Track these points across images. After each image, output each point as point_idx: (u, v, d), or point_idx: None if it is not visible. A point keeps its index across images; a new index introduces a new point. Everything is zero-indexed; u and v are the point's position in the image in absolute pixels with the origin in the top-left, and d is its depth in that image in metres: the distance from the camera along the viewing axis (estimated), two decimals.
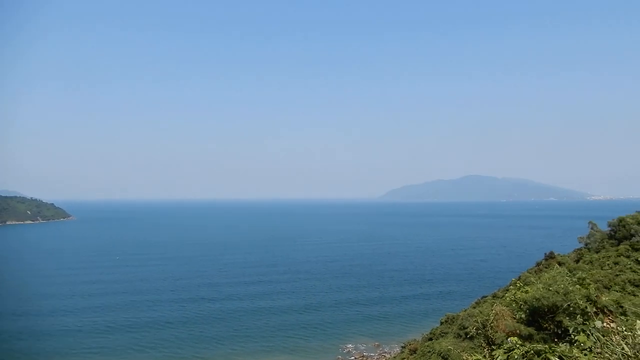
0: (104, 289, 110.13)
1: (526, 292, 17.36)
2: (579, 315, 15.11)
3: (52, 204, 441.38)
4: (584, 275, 17.51)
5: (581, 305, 14.95)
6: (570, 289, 15.40)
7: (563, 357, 8.21)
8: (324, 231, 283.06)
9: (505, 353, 9.26)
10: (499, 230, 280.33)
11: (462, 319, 42.65)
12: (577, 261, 78.75)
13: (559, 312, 15.47)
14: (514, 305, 18.75)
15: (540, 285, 16.46)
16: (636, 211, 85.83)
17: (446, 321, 56.08)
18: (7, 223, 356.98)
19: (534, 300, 16.33)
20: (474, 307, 56.70)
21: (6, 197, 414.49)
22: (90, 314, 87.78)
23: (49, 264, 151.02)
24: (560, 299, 15.26)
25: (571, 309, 15.21)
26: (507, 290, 54.13)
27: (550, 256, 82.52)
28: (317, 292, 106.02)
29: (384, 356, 67.09)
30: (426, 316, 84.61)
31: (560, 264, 75.38)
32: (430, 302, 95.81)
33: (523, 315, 17.52)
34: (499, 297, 58.14)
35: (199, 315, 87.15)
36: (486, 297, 70.16)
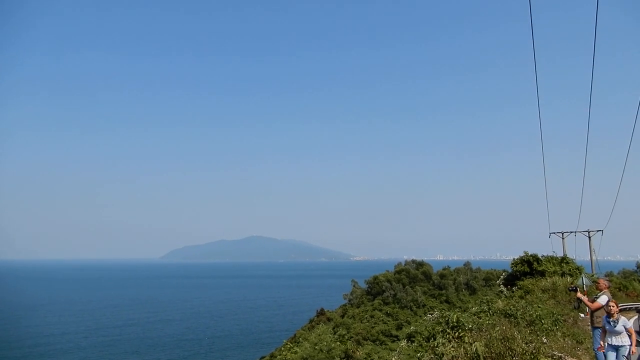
0: None
1: (295, 352, 18.21)
2: None
3: None
4: (343, 332, 19.37)
5: None
6: (333, 346, 16.82)
7: None
8: (95, 297, 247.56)
9: None
10: (276, 290, 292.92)
11: None
12: (343, 316, 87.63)
13: None
14: None
15: (307, 345, 17.50)
16: (386, 270, 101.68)
17: None
18: None
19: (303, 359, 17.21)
20: None
21: None
22: None
23: None
24: (324, 357, 16.45)
25: None
26: (283, 349, 56.02)
27: (321, 313, 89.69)
28: None
29: None
30: None
31: (329, 319, 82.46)
32: None
33: None
34: (275, 357, 59.61)
35: None
36: (264, 357, 70.99)
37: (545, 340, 16.47)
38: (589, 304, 15.90)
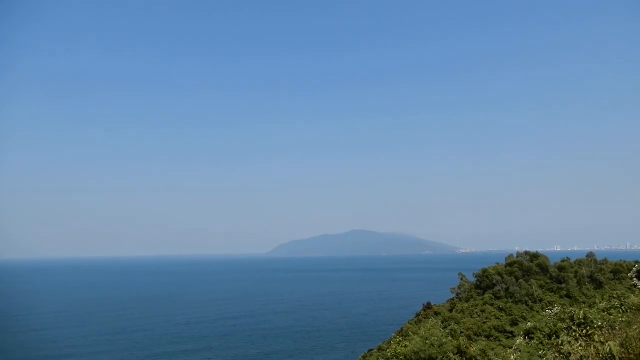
0: None
1: (405, 346, 17.99)
2: None
3: None
4: (455, 327, 18.71)
5: (452, 358, 15.87)
6: (444, 340, 16.32)
7: None
8: (209, 290, 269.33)
9: None
10: (380, 283, 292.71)
11: None
12: (451, 310, 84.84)
13: None
14: (394, 359, 19.26)
15: (418, 339, 17.20)
16: (496, 263, 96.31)
17: None
18: None
19: (413, 354, 16.95)
20: None
21: None
22: None
23: None
24: (435, 352, 16.05)
25: None
26: (390, 342, 55.86)
27: (427, 307, 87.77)
28: (197, 354, 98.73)
29: None
30: None
31: (436, 313, 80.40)
32: (314, 358, 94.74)
33: None
34: (383, 349, 59.63)
35: None
36: (372, 350, 71.44)
37: None
38: None
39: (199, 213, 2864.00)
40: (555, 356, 14.42)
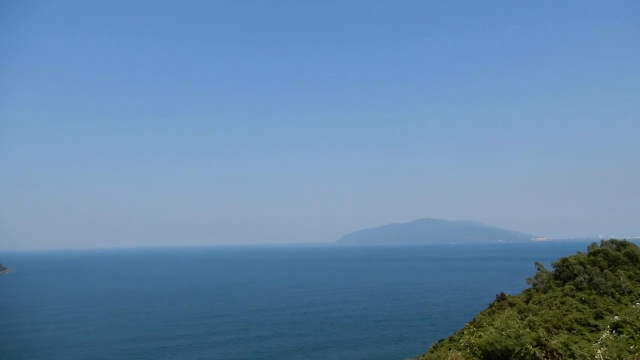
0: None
1: (479, 336, 17.36)
2: None
3: None
4: (534, 318, 17.79)
5: (531, 350, 15.08)
6: (521, 332, 15.55)
7: None
8: (278, 278, 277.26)
9: None
10: (451, 273, 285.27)
11: None
12: (527, 302, 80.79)
13: (512, 357, 15.51)
14: (468, 350, 18.67)
15: (493, 330, 16.54)
16: (577, 252, 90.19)
17: None
18: None
19: (488, 345, 16.33)
20: (432, 352, 56.36)
21: None
22: None
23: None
24: (512, 343, 15.34)
25: (522, 353, 15.31)
26: (462, 333, 54.37)
27: (501, 297, 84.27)
28: (269, 341, 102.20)
29: None
30: None
31: (511, 304, 77.01)
32: (384, 348, 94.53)
33: None
34: (455, 341, 58.18)
35: None
36: (443, 340, 70.09)
37: None
38: None
39: (268, 204, 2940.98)
40: None
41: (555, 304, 75.28)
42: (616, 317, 33.47)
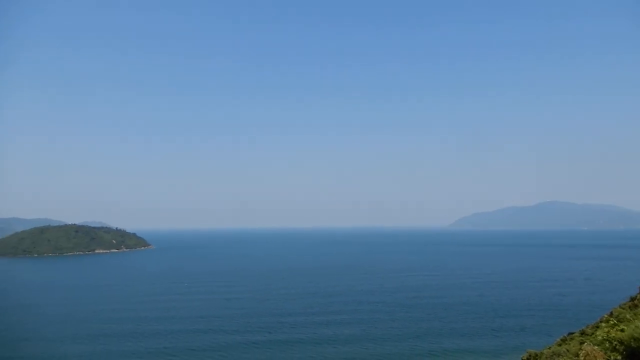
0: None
1: (622, 330, 15.42)
2: None
3: (134, 233, 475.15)
4: None
5: None
6: None
7: None
8: (391, 260, 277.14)
9: None
10: (581, 261, 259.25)
11: (546, 357, 39.02)
12: None
13: None
14: (606, 345, 16.76)
15: (638, 323, 14.55)
16: None
17: (528, 359, 51.81)
18: (96, 251, 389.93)
19: (632, 340, 14.42)
20: (559, 345, 51.95)
21: (94, 227, 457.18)
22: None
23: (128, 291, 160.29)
24: None
25: None
26: (597, 327, 49.14)
27: None
28: (381, 324, 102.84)
29: None
30: (500, 353, 78.93)
31: None
32: (503, 338, 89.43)
33: (619, 357, 15.57)
34: (587, 335, 52.84)
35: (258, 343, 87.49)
36: (573, 333, 64.20)
37: None
38: None
39: (378, 186, 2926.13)
40: None
41: None
42: None
